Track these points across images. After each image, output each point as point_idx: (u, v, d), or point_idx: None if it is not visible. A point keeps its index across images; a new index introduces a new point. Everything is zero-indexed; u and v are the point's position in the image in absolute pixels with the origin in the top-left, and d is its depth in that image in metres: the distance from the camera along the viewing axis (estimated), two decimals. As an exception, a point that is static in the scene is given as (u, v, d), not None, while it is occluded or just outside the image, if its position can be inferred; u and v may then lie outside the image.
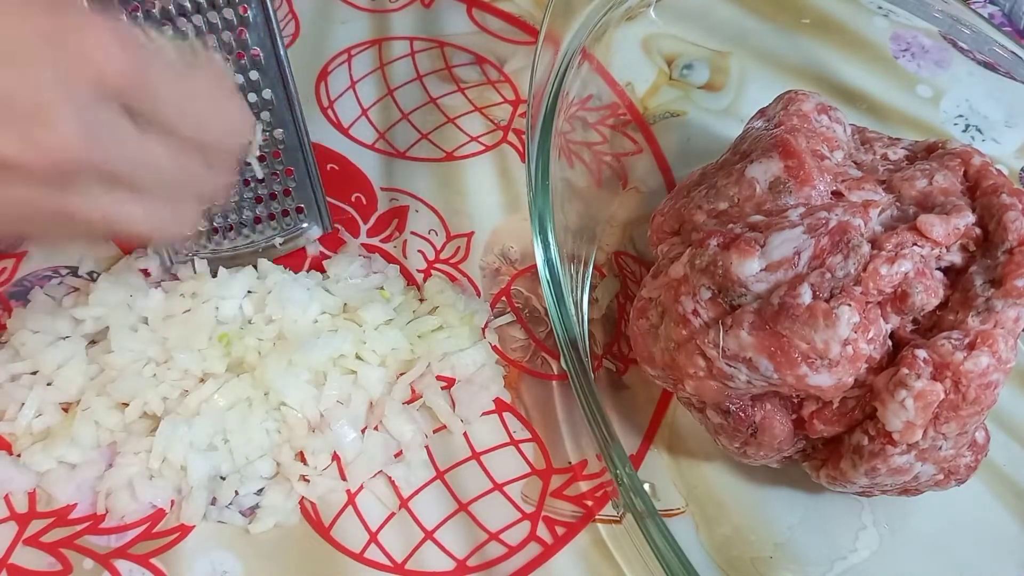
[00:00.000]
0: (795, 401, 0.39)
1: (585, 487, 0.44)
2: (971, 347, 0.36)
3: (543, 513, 0.43)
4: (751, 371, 0.37)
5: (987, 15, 0.62)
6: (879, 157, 0.43)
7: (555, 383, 0.47)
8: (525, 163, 0.45)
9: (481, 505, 0.43)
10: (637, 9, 0.54)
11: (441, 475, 0.44)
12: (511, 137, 0.56)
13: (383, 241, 0.51)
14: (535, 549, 0.42)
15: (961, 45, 0.56)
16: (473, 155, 0.55)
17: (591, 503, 0.44)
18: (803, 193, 0.39)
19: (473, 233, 0.52)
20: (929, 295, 0.37)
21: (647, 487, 0.44)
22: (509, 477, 0.44)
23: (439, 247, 0.51)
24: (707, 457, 0.45)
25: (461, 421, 0.45)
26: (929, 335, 0.37)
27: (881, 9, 0.57)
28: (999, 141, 0.56)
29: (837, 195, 0.40)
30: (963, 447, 0.38)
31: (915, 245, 0.38)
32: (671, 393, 0.46)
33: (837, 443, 0.39)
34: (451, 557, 0.42)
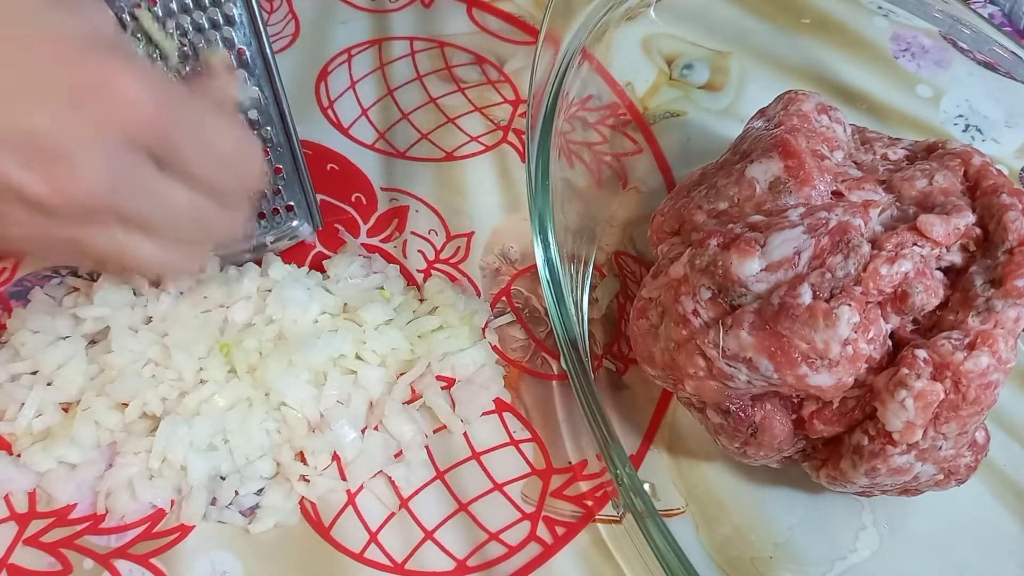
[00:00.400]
0: (795, 401, 0.39)
1: (585, 487, 0.44)
2: (971, 347, 0.36)
3: (543, 513, 0.43)
4: (751, 371, 0.37)
5: (987, 15, 0.62)
6: (879, 157, 0.43)
7: (555, 383, 0.47)
8: (525, 163, 0.45)
9: (481, 505, 0.43)
10: (637, 9, 0.54)
11: (441, 475, 0.44)
12: (511, 137, 0.56)
13: (383, 241, 0.51)
14: (535, 549, 0.42)
15: (961, 45, 0.56)
16: (473, 155, 0.55)
17: (591, 503, 0.44)
18: (803, 193, 0.39)
19: (473, 233, 0.52)
20: (929, 295, 0.37)
21: (647, 487, 0.44)
22: (509, 477, 0.44)
23: (439, 247, 0.51)
24: (707, 457, 0.45)
25: (461, 421, 0.45)
26: (929, 335, 0.37)
27: (881, 9, 0.57)
28: (999, 141, 0.56)
29: (837, 195, 0.40)
30: (963, 447, 0.38)
31: (915, 245, 0.38)
32: (671, 393, 0.46)
33: (837, 443, 0.39)
34: (451, 557, 0.42)
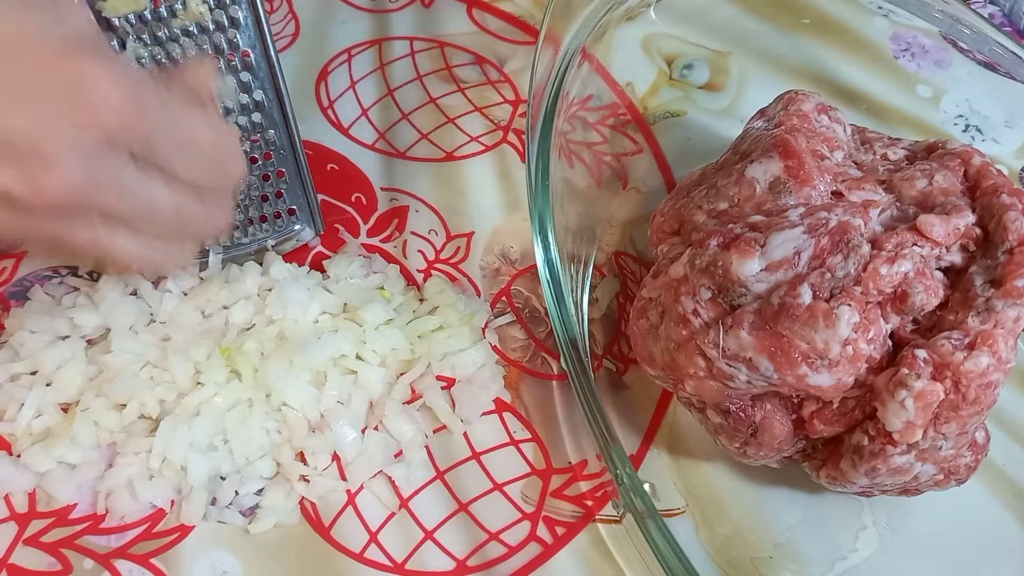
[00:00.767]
0: (795, 401, 0.39)
1: (585, 487, 0.44)
2: (971, 347, 0.36)
3: (543, 513, 0.43)
4: (751, 371, 0.37)
5: (987, 15, 0.62)
6: (879, 157, 0.43)
7: (555, 383, 0.47)
8: (525, 163, 0.45)
9: (481, 505, 0.43)
10: (637, 9, 0.54)
11: (441, 475, 0.44)
12: (511, 137, 0.56)
13: (383, 241, 0.51)
14: (535, 549, 0.42)
15: (961, 45, 0.56)
16: (473, 155, 0.55)
17: (591, 503, 0.44)
18: (803, 193, 0.39)
19: (473, 233, 0.52)
20: (929, 295, 0.37)
21: (647, 487, 0.44)
22: (509, 477, 0.44)
23: (439, 247, 0.51)
24: (707, 457, 0.45)
25: (461, 421, 0.45)
26: (929, 335, 0.37)
27: (881, 9, 0.57)
28: (999, 141, 0.56)
29: (837, 195, 0.40)
30: (963, 447, 0.38)
31: (915, 245, 0.38)
32: (671, 393, 0.46)
33: (837, 443, 0.39)
34: (451, 557, 0.42)
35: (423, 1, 0.62)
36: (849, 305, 0.35)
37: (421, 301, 0.48)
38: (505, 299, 0.50)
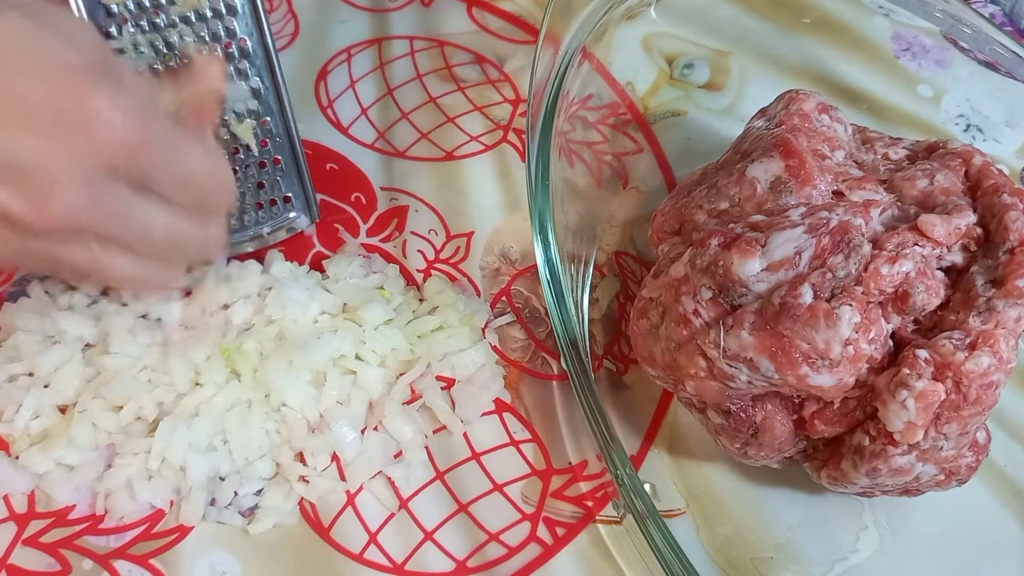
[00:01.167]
0: (796, 401, 0.39)
1: (585, 488, 0.44)
2: (972, 347, 0.36)
3: (543, 514, 0.43)
4: (752, 371, 0.37)
5: (988, 15, 0.62)
6: (880, 157, 0.43)
7: (555, 383, 0.47)
8: (525, 163, 0.45)
9: (481, 506, 0.43)
10: (637, 8, 0.54)
11: (441, 475, 0.44)
12: (511, 137, 0.56)
13: (383, 241, 0.51)
14: (535, 550, 0.42)
15: (962, 45, 0.55)
16: (473, 155, 0.55)
17: (591, 504, 0.43)
18: (804, 193, 0.39)
19: (473, 233, 0.52)
20: (930, 295, 0.37)
21: (648, 488, 0.44)
22: (509, 477, 0.44)
23: (439, 247, 0.51)
24: (708, 457, 0.45)
25: (461, 421, 0.45)
26: (930, 335, 0.37)
27: (882, 8, 0.57)
28: (1000, 141, 0.56)
29: (838, 195, 0.40)
30: (964, 447, 0.38)
31: (916, 245, 0.38)
32: (672, 393, 0.46)
33: (838, 443, 0.39)
34: (451, 558, 0.42)
35: (423, 0, 0.62)
36: (850, 305, 0.35)
37: (421, 301, 0.48)
38: (505, 299, 0.49)
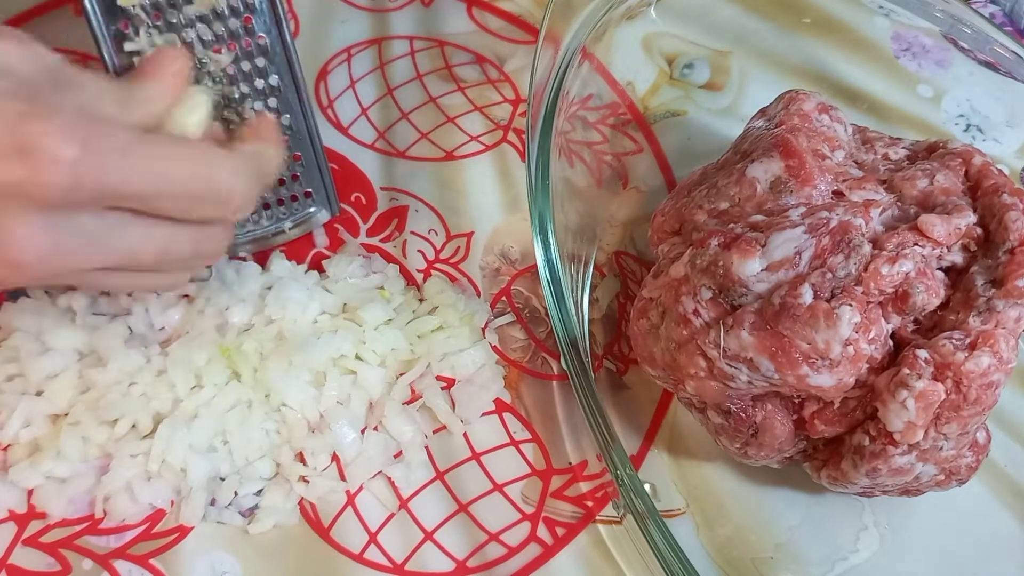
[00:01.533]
0: (796, 401, 0.39)
1: (585, 488, 0.44)
2: (972, 347, 0.36)
3: (543, 514, 0.43)
4: (752, 371, 0.37)
5: (988, 15, 0.62)
6: (880, 157, 0.43)
7: (555, 383, 0.47)
8: (525, 163, 0.45)
9: (481, 506, 0.43)
10: (637, 8, 0.54)
11: (441, 475, 0.44)
12: (511, 137, 0.56)
13: (383, 241, 0.51)
14: (535, 550, 0.42)
15: (962, 45, 0.55)
16: (473, 155, 0.55)
17: (591, 504, 0.43)
18: (804, 193, 0.39)
19: (473, 233, 0.52)
20: (930, 295, 0.37)
21: (648, 488, 0.44)
22: (509, 478, 0.44)
23: (439, 247, 0.51)
24: (708, 458, 0.45)
25: (461, 421, 0.45)
26: (930, 335, 0.37)
27: (882, 8, 0.57)
28: (1000, 141, 0.56)
29: (838, 195, 0.40)
30: (964, 447, 0.38)
31: (916, 245, 0.38)
32: (672, 393, 0.46)
33: (838, 443, 0.39)
34: (451, 558, 0.42)
35: (423, 0, 0.62)
36: (850, 305, 0.35)
37: (421, 301, 0.48)
38: (505, 299, 0.49)
